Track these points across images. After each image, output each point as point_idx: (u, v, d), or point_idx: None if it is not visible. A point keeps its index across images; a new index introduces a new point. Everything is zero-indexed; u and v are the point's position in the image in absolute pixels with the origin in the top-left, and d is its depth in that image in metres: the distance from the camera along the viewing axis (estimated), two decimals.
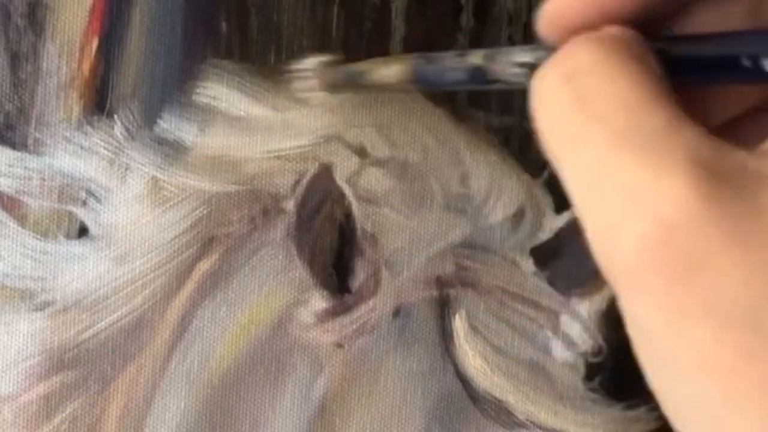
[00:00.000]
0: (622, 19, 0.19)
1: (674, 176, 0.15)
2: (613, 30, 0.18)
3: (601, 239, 0.17)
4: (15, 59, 0.32)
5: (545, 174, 0.35)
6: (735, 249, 0.15)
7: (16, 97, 0.32)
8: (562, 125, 0.17)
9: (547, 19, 0.20)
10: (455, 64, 0.25)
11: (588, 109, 0.17)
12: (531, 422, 0.35)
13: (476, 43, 0.35)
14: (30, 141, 0.32)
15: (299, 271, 0.34)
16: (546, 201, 0.35)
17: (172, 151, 0.33)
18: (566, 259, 0.35)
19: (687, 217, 0.15)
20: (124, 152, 0.33)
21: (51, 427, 0.33)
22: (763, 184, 0.15)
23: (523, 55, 0.23)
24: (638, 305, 0.17)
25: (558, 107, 0.17)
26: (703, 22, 0.20)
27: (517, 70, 0.23)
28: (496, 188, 0.35)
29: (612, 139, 0.16)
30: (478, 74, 0.24)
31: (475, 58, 0.24)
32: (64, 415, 0.33)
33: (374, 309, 0.34)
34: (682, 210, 0.15)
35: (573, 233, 0.35)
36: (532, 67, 0.22)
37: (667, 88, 0.17)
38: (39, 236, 0.33)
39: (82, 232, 0.33)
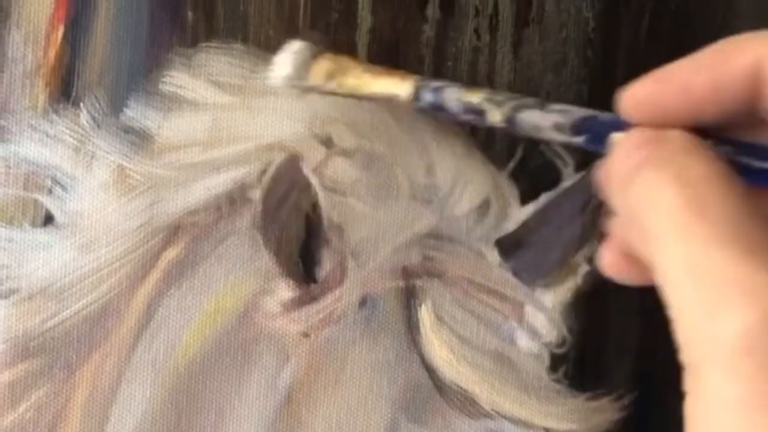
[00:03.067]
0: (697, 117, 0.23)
1: None
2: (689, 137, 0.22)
3: (698, 321, 0.19)
4: None
5: (511, 165, 0.35)
6: None
7: None
8: (674, 222, 0.20)
9: (631, 100, 0.24)
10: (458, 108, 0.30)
11: (702, 215, 0.20)
12: (496, 412, 0.35)
13: (442, 34, 0.35)
14: None
15: (265, 260, 0.34)
16: (511, 192, 0.35)
17: (138, 139, 0.33)
18: (531, 250, 0.35)
19: None
20: (89, 140, 0.33)
21: (16, 415, 0.33)
22: None
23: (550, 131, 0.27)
24: (722, 382, 0.19)
25: (671, 207, 0.20)
26: None
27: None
28: (461, 179, 0.35)
29: (722, 241, 0.19)
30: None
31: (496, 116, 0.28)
32: (29, 403, 0.33)
33: (340, 299, 0.34)
34: None
35: (538, 225, 0.35)
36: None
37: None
38: (4, 224, 0.33)
39: (48, 220, 0.33)
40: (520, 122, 0.28)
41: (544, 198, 0.35)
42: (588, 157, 0.35)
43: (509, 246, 0.35)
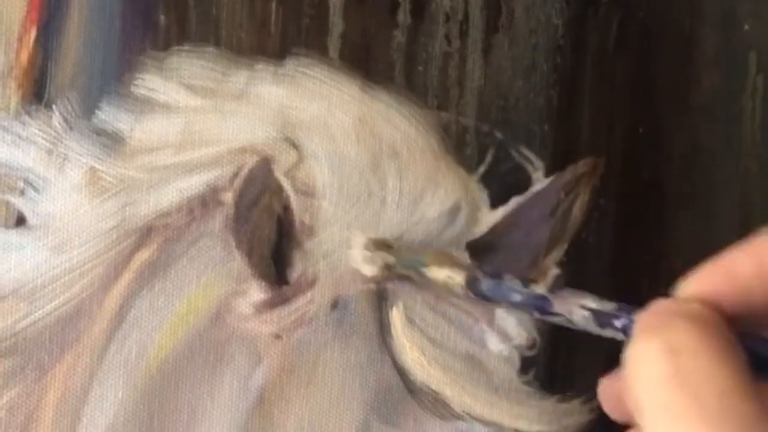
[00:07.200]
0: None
1: None
2: (704, 309, 0.22)
3: None
4: None
5: (481, 170, 0.36)
6: None
7: None
8: (660, 396, 0.20)
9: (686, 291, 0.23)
10: (518, 287, 0.30)
11: (687, 388, 0.19)
12: (467, 414, 0.36)
13: (413, 39, 0.35)
14: None
15: (237, 262, 0.34)
16: (482, 196, 0.36)
17: (110, 141, 0.33)
18: (501, 254, 0.36)
19: None
20: (62, 142, 0.33)
21: None
22: None
23: (591, 302, 0.27)
24: None
25: (657, 379, 0.20)
26: None
27: (583, 312, 0.28)
28: (432, 183, 0.35)
29: (705, 419, 0.19)
30: (540, 304, 0.29)
31: (541, 288, 0.29)
32: (1, 403, 0.33)
33: (312, 301, 0.34)
34: None
35: (508, 228, 0.36)
36: (596, 313, 0.27)
37: (752, 377, 0.20)
38: None
39: (20, 221, 0.33)
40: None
41: (514, 202, 0.36)
42: (557, 162, 0.36)
43: (479, 249, 0.36)
